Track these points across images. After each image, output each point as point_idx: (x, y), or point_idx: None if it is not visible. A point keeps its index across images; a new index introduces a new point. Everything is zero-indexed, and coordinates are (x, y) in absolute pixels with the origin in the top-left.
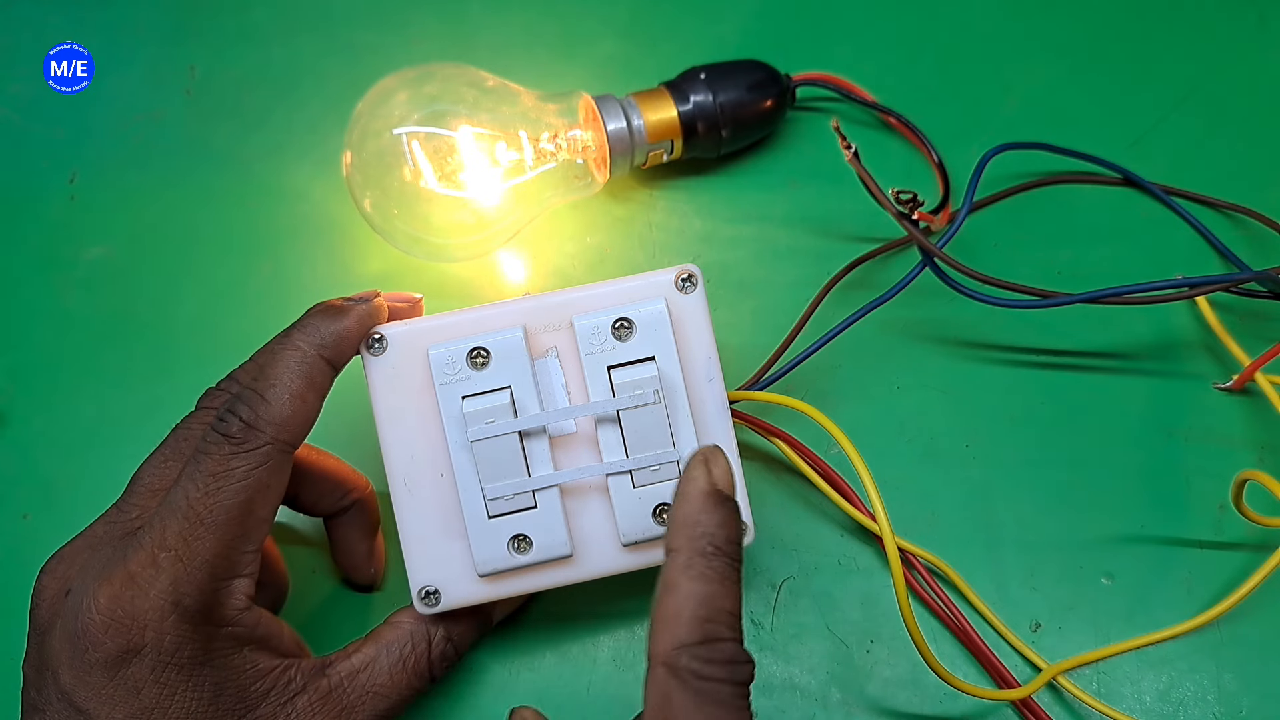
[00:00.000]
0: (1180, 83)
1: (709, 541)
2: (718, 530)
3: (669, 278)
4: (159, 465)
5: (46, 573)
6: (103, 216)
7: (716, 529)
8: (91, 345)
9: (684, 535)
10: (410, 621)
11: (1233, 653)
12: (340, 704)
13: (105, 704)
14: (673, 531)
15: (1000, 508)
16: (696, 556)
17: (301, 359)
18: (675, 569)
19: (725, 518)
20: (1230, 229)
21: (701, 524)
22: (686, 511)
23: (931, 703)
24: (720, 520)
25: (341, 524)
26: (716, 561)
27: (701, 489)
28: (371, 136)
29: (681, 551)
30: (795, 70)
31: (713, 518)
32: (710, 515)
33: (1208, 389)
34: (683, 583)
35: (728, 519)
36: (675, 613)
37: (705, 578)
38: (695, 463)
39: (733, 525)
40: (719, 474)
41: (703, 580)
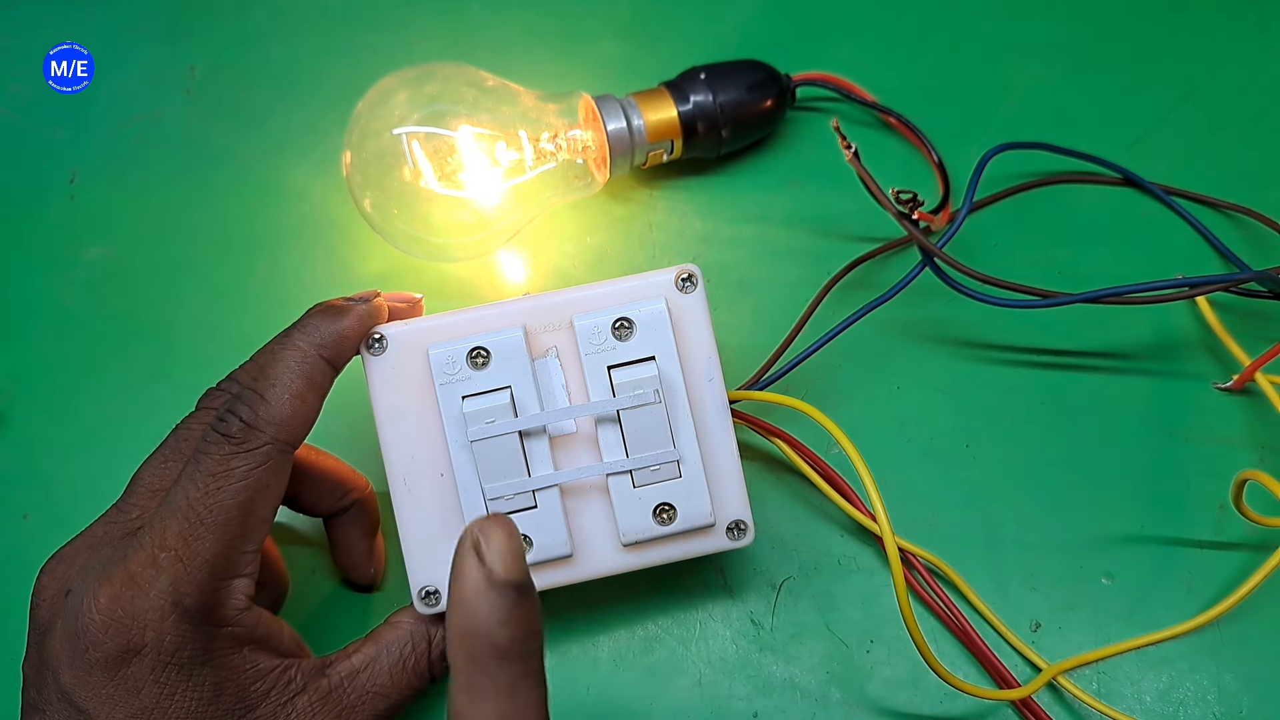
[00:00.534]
0: (1180, 83)
1: (490, 651)
2: (500, 629)
3: (669, 277)
4: (159, 465)
5: (46, 573)
6: (103, 216)
7: (499, 627)
8: (91, 345)
9: (459, 649)
10: (410, 621)
11: (1233, 653)
12: (340, 704)
13: (105, 704)
14: (448, 645)
15: (1000, 508)
16: (476, 673)
17: (301, 359)
18: (455, 690)
19: (507, 612)
20: (1230, 229)
21: (477, 631)
22: (458, 618)
23: (931, 703)
24: (503, 616)
25: (341, 524)
26: (505, 671)
27: (471, 585)
28: (371, 136)
29: (460, 669)
30: (795, 70)
31: (491, 617)
32: (488, 615)
33: (1208, 389)
34: (465, 708)
35: (510, 613)
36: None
37: (493, 694)
38: (461, 550)
39: (520, 619)
40: (495, 555)
41: (489, 698)
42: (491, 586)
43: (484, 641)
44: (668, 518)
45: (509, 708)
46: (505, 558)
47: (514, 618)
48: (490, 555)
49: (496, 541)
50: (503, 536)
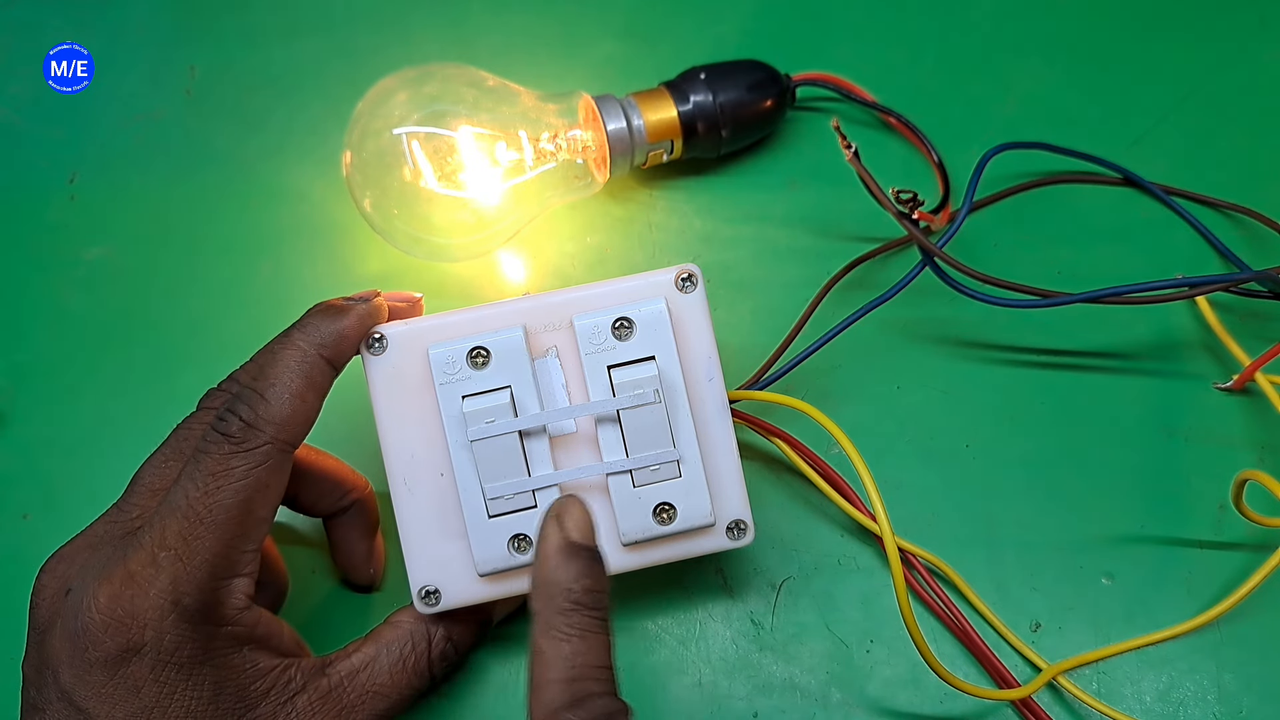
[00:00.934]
0: (1180, 83)
1: (566, 599)
2: (575, 584)
3: (669, 277)
4: (159, 465)
5: (46, 572)
6: (103, 216)
7: (573, 583)
8: (92, 345)
9: (541, 597)
10: (410, 621)
11: (1233, 653)
12: (340, 703)
13: (105, 703)
14: (532, 594)
15: (1000, 508)
16: (556, 616)
17: (301, 359)
18: (537, 632)
19: (581, 569)
20: (1230, 229)
21: (558, 581)
22: (541, 572)
23: (931, 703)
24: (577, 573)
25: (341, 524)
26: (577, 618)
27: (555, 545)
28: (371, 136)
29: (541, 614)
30: (795, 70)
31: (568, 572)
32: (565, 571)
33: (1208, 389)
34: (546, 646)
35: (585, 570)
36: (542, 679)
37: (568, 637)
38: (547, 520)
39: (592, 576)
40: (573, 524)
41: (565, 640)
42: (569, 547)
43: (560, 590)
44: (668, 517)
45: (582, 647)
46: (581, 527)
47: (586, 574)
48: (568, 524)
49: (575, 513)
50: (579, 511)
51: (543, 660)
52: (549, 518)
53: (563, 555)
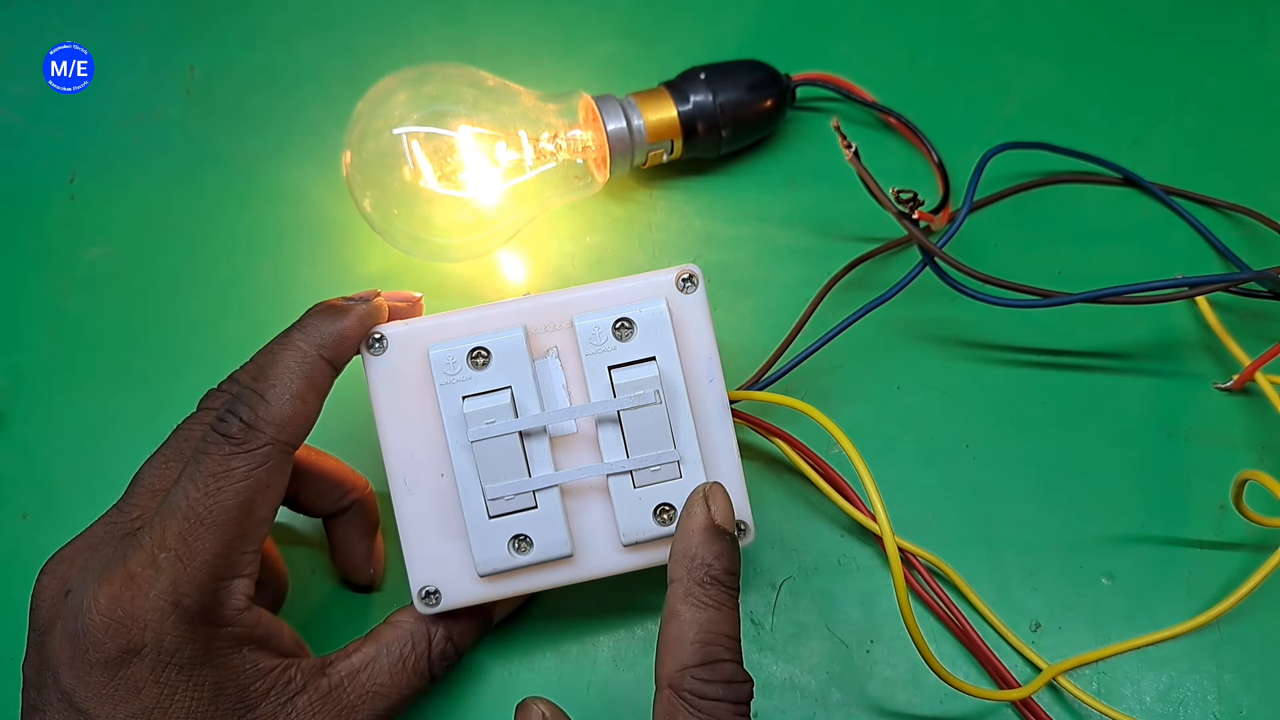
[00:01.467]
0: (1180, 83)
1: (707, 572)
2: (715, 562)
3: (669, 278)
4: (159, 466)
5: (46, 573)
6: (103, 216)
7: (714, 560)
8: (91, 345)
9: (684, 566)
10: (410, 621)
11: (1233, 653)
12: (340, 703)
13: (105, 704)
14: (674, 562)
15: (1000, 508)
16: (695, 586)
17: (302, 359)
18: (676, 598)
19: (722, 550)
20: (1230, 229)
21: (700, 556)
22: (686, 545)
23: (931, 703)
24: (717, 552)
25: (341, 524)
26: (714, 590)
27: (701, 524)
28: (371, 136)
29: (681, 582)
30: (795, 70)
31: (710, 550)
32: (708, 548)
33: (1208, 389)
34: (683, 610)
35: (724, 552)
36: (677, 638)
37: (704, 605)
38: (696, 498)
39: (730, 557)
40: (718, 510)
41: (702, 608)
42: (714, 528)
43: (702, 564)
44: (668, 518)
45: (717, 616)
46: (725, 513)
47: (724, 554)
48: (715, 507)
49: (720, 498)
50: (724, 496)
51: (679, 622)
52: (696, 497)
53: (708, 534)
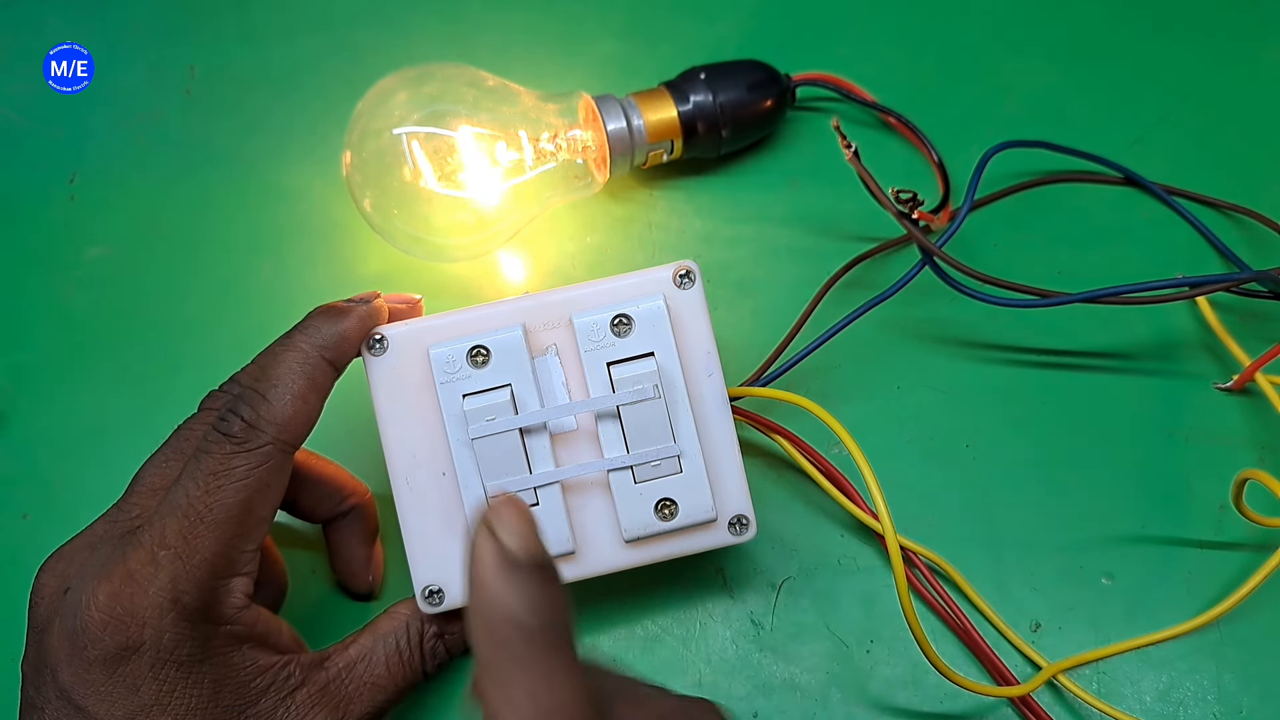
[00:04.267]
0: (1180, 83)
1: (519, 637)
2: (525, 613)
3: (667, 274)
4: (160, 465)
5: (46, 571)
6: (103, 216)
7: (524, 612)
8: (92, 345)
9: (485, 638)
10: (408, 613)
11: (1233, 653)
12: (338, 696)
13: (104, 701)
14: (468, 630)
15: (1000, 508)
16: (507, 663)
17: (303, 360)
18: (486, 684)
19: (531, 593)
20: (1231, 229)
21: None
22: (478, 604)
23: (931, 702)
24: (525, 598)
25: (340, 529)
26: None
27: (491, 564)
28: (371, 136)
29: (487, 661)
30: (795, 70)
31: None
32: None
33: (1208, 389)
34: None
35: (536, 592)
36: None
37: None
38: (476, 533)
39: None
40: (510, 536)
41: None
42: (511, 567)
43: (509, 626)
44: (669, 513)
45: (547, 697)
46: (522, 537)
47: (540, 598)
48: (505, 536)
49: (511, 521)
50: (516, 515)
51: (491, 713)
52: (479, 530)
53: (503, 579)
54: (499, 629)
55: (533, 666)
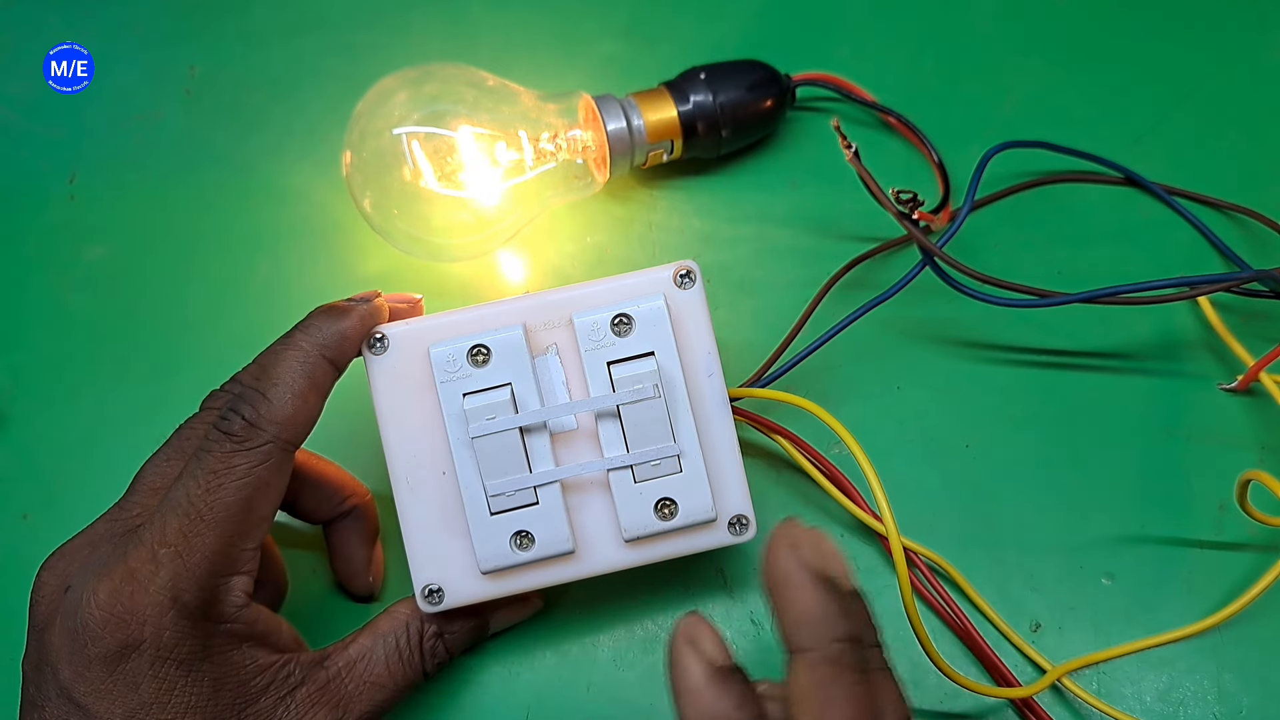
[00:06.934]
0: (1180, 83)
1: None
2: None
3: (667, 274)
4: (161, 464)
5: (46, 569)
6: (103, 216)
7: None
8: (92, 345)
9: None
10: (408, 612)
11: (1233, 653)
12: (338, 695)
13: (104, 699)
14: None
15: (1000, 508)
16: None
17: (304, 359)
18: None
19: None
20: (1231, 229)
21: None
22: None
23: (932, 701)
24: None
25: (340, 529)
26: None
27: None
28: (371, 136)
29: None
30: (795, 70)
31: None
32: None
33: (1209, 389)
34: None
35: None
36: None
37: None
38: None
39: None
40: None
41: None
42: (717, 674)
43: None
44: (669, 512)
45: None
46: (721, 648)
47: (747, 700)
48: (707, 645)
49: (708, 635)
50: (711, 630)
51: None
52: (679, 645)
53: (713, 685)
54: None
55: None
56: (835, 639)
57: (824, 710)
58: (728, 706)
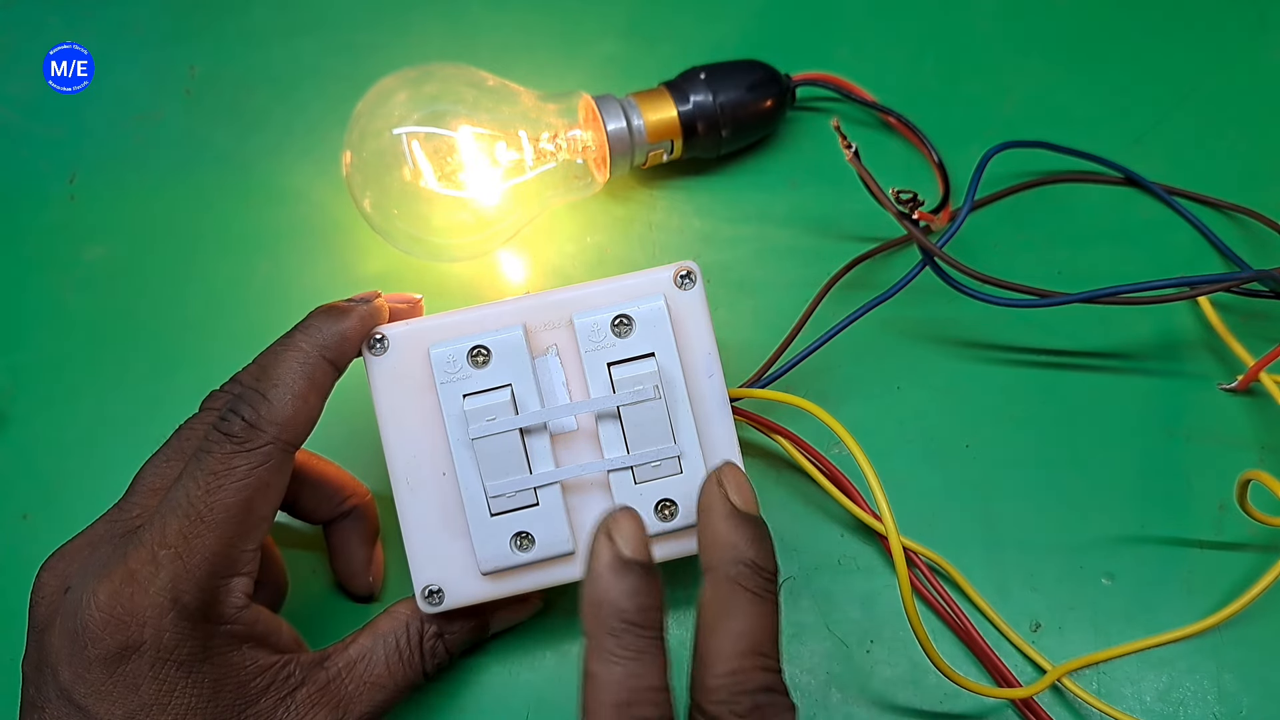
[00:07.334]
0: (1180, 83)
1: (619, 618)
2: (627, 603)
3: (668, 274)
4: (161, 465)
5: (46, 570)
6: (103, 216)
7: (626, 601)
8: (92, 345)
9: (591, 618)
10: (408, 613)
11: (1233, 653)
12: (338, 695)
13: (104, 700)
14: (582, 615)
15: (1000, 508)
16: (607, 638)
17: (304, 359)
18: (589, 656)
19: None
20: (1231, 229)
21: (610, 600)
22: (592, 591)
23: (932, 702)
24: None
25: (341, 529)
26: (630, 639)
27: (606, 561)
28: (371, 136)
29: (592, 636)
30: (795, 70)
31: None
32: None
33: (1208, 389)
34: (598, 670)
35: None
36: (594, 703)
37: (620, 660)
38: (597, 535)
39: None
40: (624, 539)
41: (618, 663)
42: (620, 564)
43: (613, 610)
44: (669, 513)
45: (636, 669)
46: (633, 541)
47: (639, 591)
48: (620, 537)
49: (626, 527)
50: (631, 524)
51: (594, 684)
52: (599, 533)
53: (613, 572)
54: (605, 611)
55: (628, 644)
56: (738, 561)
57: (719, 619)
58: (619, 593)
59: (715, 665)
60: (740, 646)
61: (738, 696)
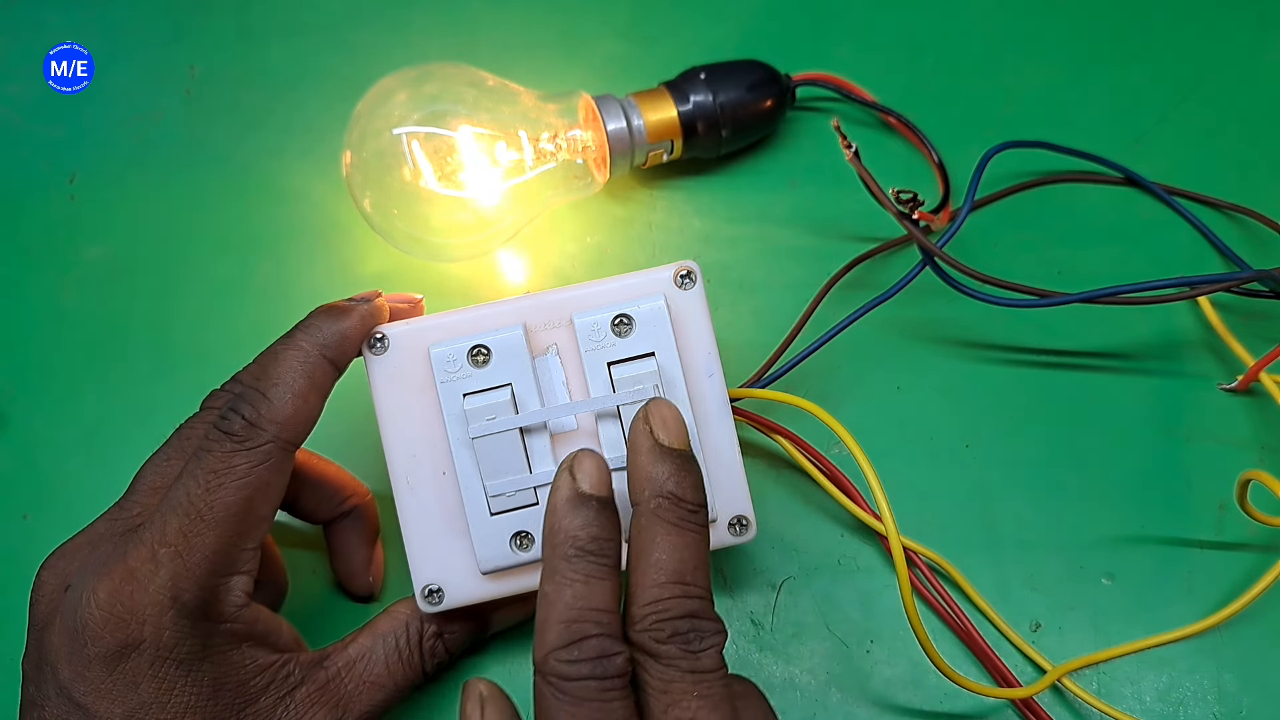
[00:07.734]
0: (1180, 83)
1: (572, 545)
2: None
3: (668, 274)
4: (161, 464)
5: (47, 568)
6: (102, 216)
7: (579, 530)
8: (91, 345)
9: (548, 544)
10: (408, 612)
11: (1233, 653)
12: (338, 694)
13: (103, 699)
14: (543, 544)
15: (1000, 508)
16: (560, 562)
17: (304, 359)
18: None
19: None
20: (1231, 229)
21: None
22: (550, 520)
23: (932, 702)
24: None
25: (341, 529)
26: (581, 564)
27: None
28: (371, 136)
29: (547, 560)
30: (795, 70)
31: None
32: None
33: (1209, 389)
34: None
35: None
36: (544, 620)
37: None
38: (560, 472)
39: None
40: (583, 475)
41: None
42: (578, 497)
43: (566, 538)
44: None
45: (584, 591)
46: (591, 477)
47: (593, 522)
48: (579, 474)
49: (586, 465)
50: (591, 462)
51: (546, 603)
52: (561, 469)
53: (570, 504)
54: (560, 539)
55: (579, 569)
56: (657, 495)
57: (641, 552)
58: (574, 524)
59: (638, 596)
60: (660, 577)
61: (659, 624)
